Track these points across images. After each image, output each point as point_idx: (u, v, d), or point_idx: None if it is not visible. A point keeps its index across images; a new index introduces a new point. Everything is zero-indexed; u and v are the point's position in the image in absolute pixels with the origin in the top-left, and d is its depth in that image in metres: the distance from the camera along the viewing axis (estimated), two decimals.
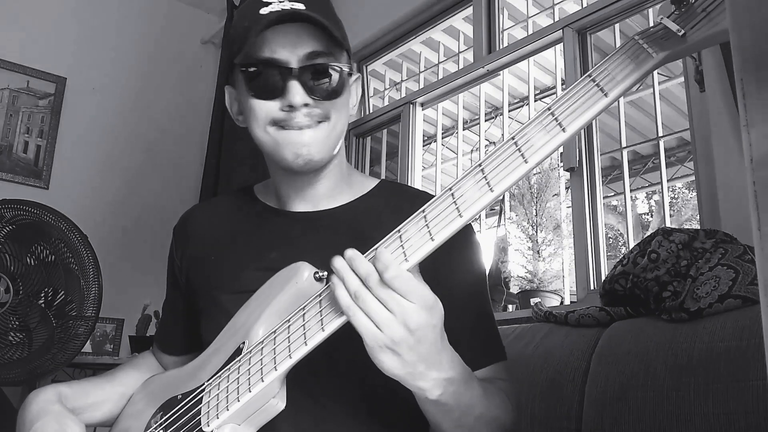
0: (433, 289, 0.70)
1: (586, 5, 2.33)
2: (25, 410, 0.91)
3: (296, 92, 0.88)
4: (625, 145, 2.31)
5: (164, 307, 1.14)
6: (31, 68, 3.20)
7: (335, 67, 0.91)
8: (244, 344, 0.82)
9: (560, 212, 2.87)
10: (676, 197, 5.99)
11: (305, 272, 0.81)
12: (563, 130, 0.66)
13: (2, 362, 2.20)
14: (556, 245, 2.76)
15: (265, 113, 0.90)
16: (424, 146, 3.77)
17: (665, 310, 1.29)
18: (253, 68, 0.90)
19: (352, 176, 1.04)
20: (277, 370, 0.75)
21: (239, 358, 0.81)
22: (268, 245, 0.96)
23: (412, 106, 2.84)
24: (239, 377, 0.79)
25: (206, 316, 0.99)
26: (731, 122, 1.61)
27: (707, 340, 1.17)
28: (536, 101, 3.96)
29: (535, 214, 2.78)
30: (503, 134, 3.26)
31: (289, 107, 0.88)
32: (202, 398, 0.84)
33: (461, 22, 3.13)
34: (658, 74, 2.64)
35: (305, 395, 0.85)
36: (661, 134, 2.22)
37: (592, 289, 1.98)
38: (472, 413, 0.79)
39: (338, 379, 0.89)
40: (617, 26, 2.37)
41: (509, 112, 4.04)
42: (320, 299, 0.75)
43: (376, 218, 0.94)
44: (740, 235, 1.35)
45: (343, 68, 0.92)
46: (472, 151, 4.70)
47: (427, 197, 1.02)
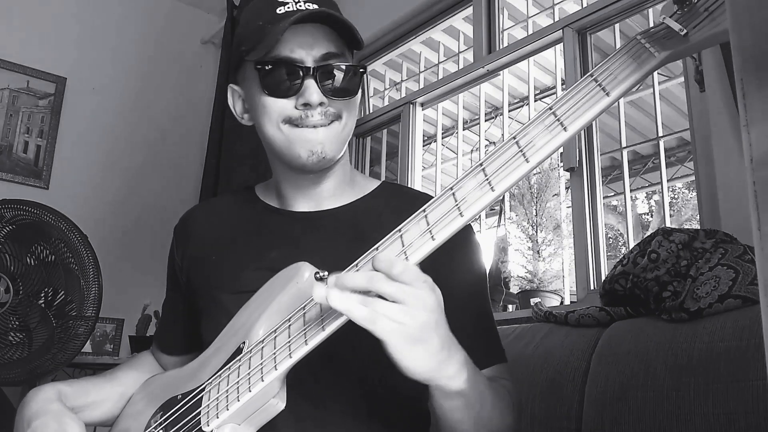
0: None
1: (586, 5, 2.33)
2: (24, 408, 0.90)
3: (313, 91, 0.89)
4: (625, 145, 2.31)
5: (164, 307, 1.14)
6: (31, 68, 3.20)
7: (348, 67, 0.92)
8: (244, 344, 0.82)
9: (560, 212, 2.87)
10: (676, 197, 5.99)
11: (306, 272, 0.81)
12: (565, 129, 0.66)
13: (2, 362, 2.20)
14: (556, 245, 2.76)
15: (278, 111, 0.91)
16: (424, 146, 3.76)
17: (665, 310, 1.29)
18: (268, 66, 0.90)
19: (354, 177, 1.04)
20: (277, 369, 0.75)
21: (239, 357, 0.81)
22: (268, 245, 0.96)
23: (412, 106, 2.84)
24: (239, 377, 0.79)
25: (206, 316, 0.99)
26: (731, 122, 1.61)
27: (707, 340, 1.17)
28: (536, 101, 3.96)
29: (535, 214, 2.78)
30: (503, 134, 3.25)
31: (304, 106, 0.89)
32: (202, 398, 0.84)
33: (461, 22, 3.13)
34: (658, 74, 2.64)
35: (305, 395, 0.85)
36: (661, 134, 2.22)
37: (592, 289, 1.98)
38: (486, 406, 0.79)
39: (338, 379, 0.89)
40: (617, 26, 2.37)
41: (509, 112, 4.03)
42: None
43: (376, 219, 0.94)
44: (740, 235, 1.35)
45: (357, 68, 0.93)
46: (472, 151, 4.69)
47: (427, 199, 1.02)
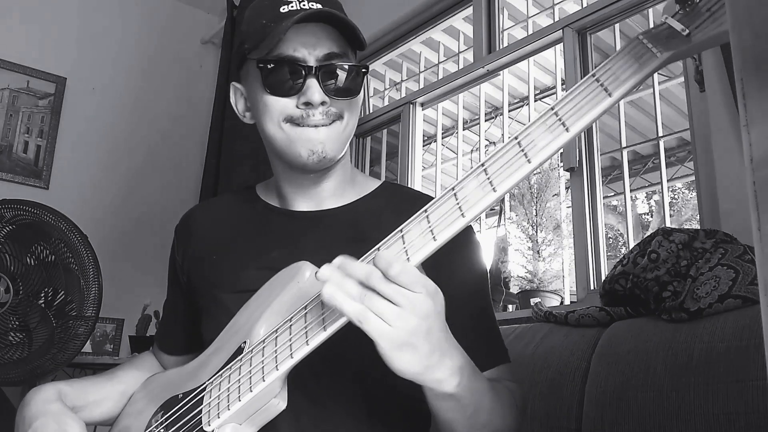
0: None
1: (586, 5, 2.33)
2: (24, 408, 0.90)
3: (315, 90, 0.89)
4: (625, 145, 2.31)
5: (165, 306, 1.14)
6: (31, 68, 3.20)
7: (351, 67, 0.92)
8: (245, 344, 0.82)
9: (560, 212, 2.87)
10: (676, 197, 5.98)
11: (307, 272, 0.81)
12: (567, 129, 0.65)
13: (2, 362, 2.20)
14: (556, 245, 2.76)
15: (280, 110, 0.91)
16: (424, 146, 3.77)
17: (665, 310, 1.29)
18: (271, 65, 0.90)
19: (355, 177, 1.04)
20: (278, 370, 0.75)
21: (240, 357, 0.81)
22: (269, 244, 0.96)
23: (412, 106, 2.84)
24: (240, 377, 0.79)
25: (207, 315, 0.99)
26: (731, 122, 1.61)
27: (707, 340, 1.17)
28: (536, 101, 3.96)
29: (535, 214, 2.78)
30: (503, 134, 3.25)
31: (306, 105, 0.89)
32: (203, 398, 0.84)
33: (461, 22, 3.13)
34: (658, 74, 2.64)
35: (306, 395, 0.85)
36: (661, 134, 2.22)
37: (592, 289, 1.98)
38: (483, 409, 0.78)
39: (339, 378, 0.89)
40: (617, 26, 2.37)
41: (509, 112, 4.04)
42: (322, 299, 0.75)
43: (377, 219, 0.94)
44: (740, 235, 1.35)
45: (359, 68, 0.93)
46: (472, 151, 4.69)
47: (428, 199, 1.02)
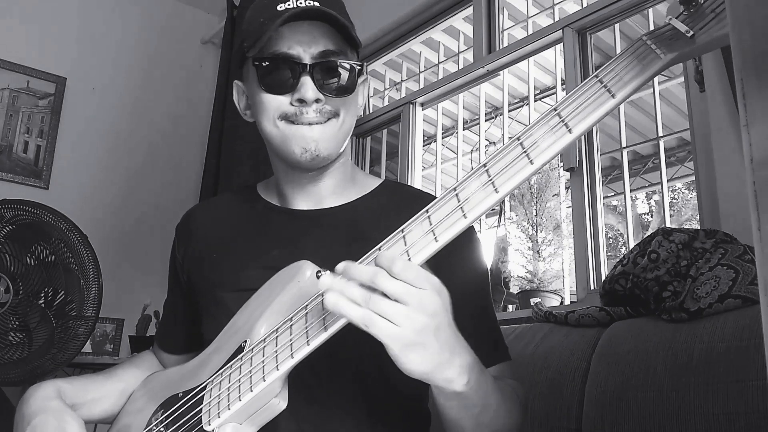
0: None
1: (586, 5, 2.33)
2: (23, 405, 0.90)
3: (309, 87, 0.89)
4: (625, 145, 2.31)
5: (165, 305, 1.14)
6: (31, 68, 3.20)
7: (347, 65, 0.92)
8: (245, 343, 0.82)
9: (560, 212, 2.87)
10: (676, 197, 5.98)
11: (307, 271, 0.81)
12: (570, 131, 0.65)
13: (2, 362, 2.20)
14: (556, 245, 2.76)
15: (275, 107, 0.91)
16: (424, 146, 3.77)
17: (665, 310, 1.29)
18: (266, 62, 0.91)
19: (356, 175, 1.04)
20: (278, 370, 0.75)
21: (241, 356, 0.81)
22: (269, 243, 0.96)
23: (412, 106, 2.84)
24: (241, 376, 0.79)
25: (207, 314, 0.99)
26: (731, 122, 1.61)
27: (707, 340, 1.17)
28: (536, 101, 3.96)
29: (535, 214, 2.78)
30: (503, 134, 3.25)
31: (299, 102, 0.89)
32: (203, 397, 0.84)
33: (461, 22, 3.13)
34: None
35: (306, 395, 0.85)
36: (661, 134, 2.22)
37: (592, 289, 1.98)
38: (490, 407, 0.78)
39: (339, 378, 0.89)
40: (617, 26, 2.37)
41: (509, 112, 4.04)
42: (325, 307, 0.75)
43: (377, 218, 0.94)
44: (740, 235, 1.35)
45: (354, 66, 0.93)
46: (472, 151, 4.69)
47: (428, 197, 1.02)
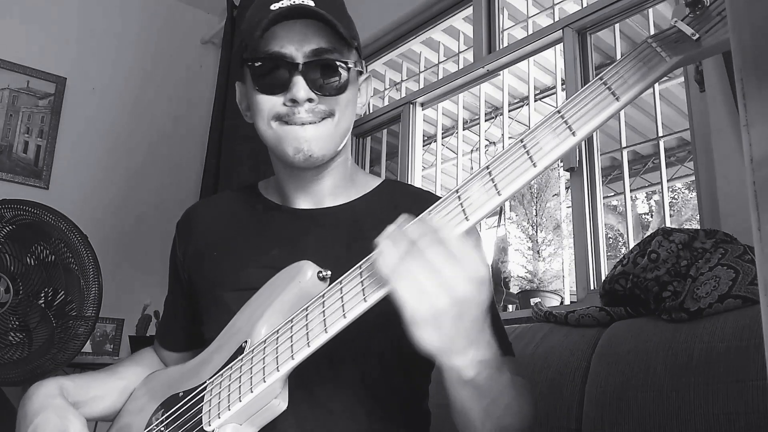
0: None
1: (586, 5, 2.33)
2: (26, 403, 0.90)
3: (300, 87, 0.88)
4: (625, 145, 2.31)
5: (166, 302, 1.14)
6: (31, 68, 3.20)
7: (340, 63, 0.91)
8: (246, 343, 0.82)
9: (560, 212, 2.87)
10: (676, 197, 5.98)
11: (308, 271, 0.80)
12: (573, 134, 0.65)
13: (2, 362, 2.20)
14: (556, 245, 2.77)
15: (269, 108, 0.91)
16: (424, 146, 3.76)
17: (665, 310, 1.29)
18: (258, 63, 0.90)
19: (356, 174, 1.04)
20: (279, 371, 0.75)
21: (241, 357, 0.81)
22: (270, 242, 0.96)
23: (412, 106, 2.84)
24: (241, 377, 0.79)
25: (208, 313, 0.99)
26: (731, 122, 1.61)
27: (707, 340, 1.17)
28: (536, 101, 3.96)
29: (535, 214, 2.78)
30: (503, 134, 3.25)
31: (292, 102, 0.89)
32: (203, 397, 0.84)
33: (461, 22, 3.12)
34: None
35: (306, 395, 0.85)
36: (661, 134, 2.22)
37: (592, 289, 1.98)
38: (501, 401, 0.77)
39: (340, 379, 0.88)
40: (617, 26, 2.37)
41: (509, 112, 4.04)
42: (324, 299, 0.75)
43: (378, 217, 0.94)
44: (740, 235, 1.35)
45: (348, 65, 0.92)
46: (472, 151, 4.69)
47: (429, 196, 1.02)
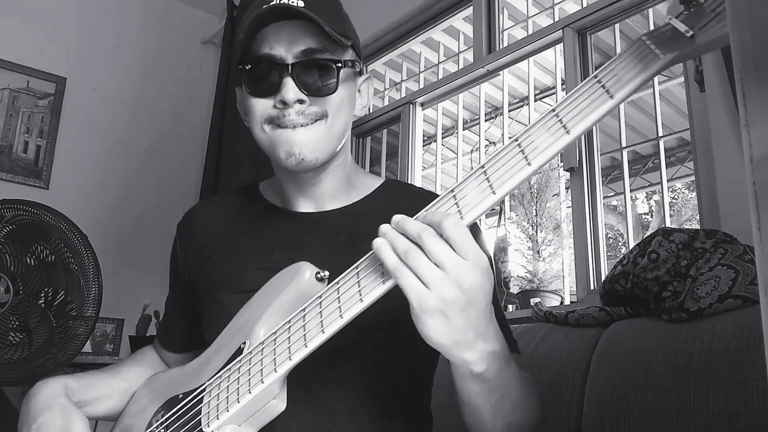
0: None
1: (586, 5, 2.33)
2: (30, 401, 0.90)
3: (289, 88, 0.86)
4: (625, 145, 2.31)
5: (167, 303, 1.13)
6: (31, 68, 3.20)
7: (331, 63, 0.89)
8: (245, 344, 0.82)
9: (560, 212, 2.87)
10: (676, 197, 5.98)
11: (307, 272, 0.80)
12: (568, 132, 0.65)
13: (2, 362, 2.20)
14: (556, 245, 2.76)
15: (261, 111, 0.89)
16: (424, 146, 3.76)
17: (665, 310, 1.29)
18: (249, 65, 0.89)
19: (357, 176, 1.02)
20: (277, 371, 0.75)
21: (240, 358, 0.81)
22: (270, 245, 0.95)
23: (412, 106, 2.84)
24: (239, 378, 0.79)
25: (208, 314, 0.99)
26: (731, 122, 1.61)
27: (707, 340, 1.17)
28: (536, 101, 3.96)
29: (535, 214, 2.78)
30: (503, 134, 3.25)
31: (282, 104, 0.87)
32: (202, 398, 0.84)
33: (461, 22, 3.12)
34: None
35: (306, 396, 0.85)
36: (661, 134, 2.22)
37: (592, 289, 1.98)
38: (510, 396, 0.76)
39: (339, 379, 0.88)
40: (617, 26, 2.37)
41: (509, 112, 4.04)
42: (321, 300, 0.75)
43: (379, 220, 0.94)
44: (740, 235, 1.35)
45: (340, 64, 0.89)
46: (472, 151, 4.69)
47: (429, 195, 1.02)
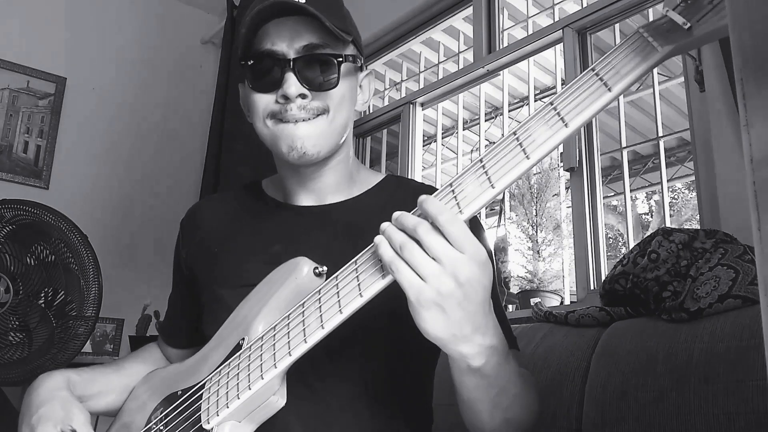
0: None
1: (586, 5, 2.33)
2: (32, 393, 0.91)
3: (291, 83, 0.87)
4: (625, 145, 2.30)
5: (170, 299, 1.14)
6: (31, 68, 3.20)
7: (332, 58, 0.89)
8: (243, 340, 0.82)
9: (560, 212, 2.87)
10: (676, 197, 5.99)
11: (305, 267, 0.80)
12: (566, 125, 0.65)
13: (2, 362, 2.20)
14: (556, 245, 2.76)
15: (263, 106, 0.90)
16: (424, 146, 3.76)
17: (665, 310, 1.29)
18: (251, 61, 0.90)
19: (359, 171, 1.03)
20: (276, 367, 0.75)
21: (239, 354, 0.81)
22: (271, 239, 0.96)
23: (412, 106, 2.84)
24: (239, 374, 0.79)
25: (208, 310, 0.99)
26: (731, 122, 1.61)
27: (707, 340, 1.17)
28: (536, 101, 3.96)
29: (535, 214, 2.78)
30: (503, 134, 3.25)
31: (284, 99, 0.88)
32: (202, 394, 0.84)
33: (461, 22, 3.12)
34: (658, 74, 2.64)
35: (306, 391, 0.85)
36: (661, 134, 2.22)
37: (592, 289, 1.98)
38: (509, 391, 0.76)
39: (339, 375, 0.88)
40: (617, 26, 2.37)
41: (509, 112, 4.03)
42: (320, 295, 0.75)
43: (380, 214, 0.94)
44: (740, 235, 1.35)
45: (341, 59, 0.90)
46: (472, 151, 4.70)
47: (431, 190, 1.02)
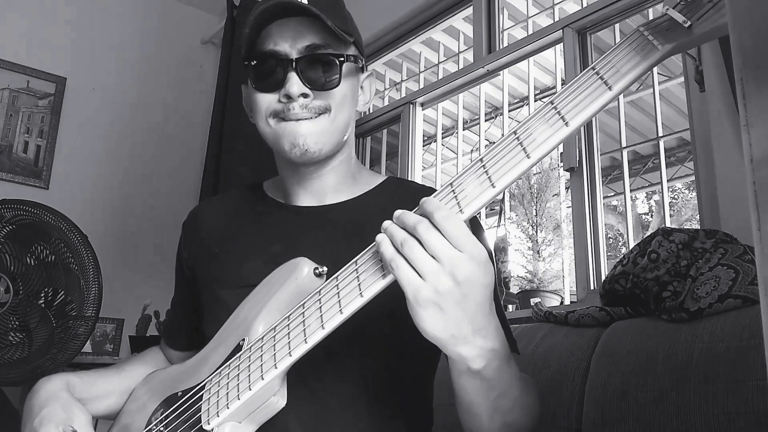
0: None
1: (586, 5, 2.33)
2: (33, 397, 0.92)
3: (293, 82, 0.88)
4: (625, 145, 2.31)
5: (172, 302, 1.15)
6: (31, 68, 3.20)
7: (334, 58, 0.91)
8: (243, 341, 0.82)
9: (560, 212, 2.87)
10: (676, 197, 5.99)
11: (305, 268, 0.81)
12: (566, 124, 0.65)
13: (2, 362, 2.20)
14: (556, 245, 2.76)
15: (266, 105, 0.91)
16: (424, 146, 3.76)
17: (665, 310, 1.29)
18: (254, 61, 0.91)
19: (360, 172, 1.04)
20: (277, 368, 0.75)
21: (239, 355, 0.81)
22: (270, 239, 0.96)
23: (412, 106, 2.84)
24: (239, 375, 0.79)
25: (208, 310, 0.99)
26: (731, 122, 1.61)
27: (707, 340, 1.17)
28: (536, 101, 3.96)
29: (535, 214, 2.78)
30: (503, 134, 3.24)
31: (286, 98, 0.89)
32: (202, 395, 0.84)
33: (461, 22, 3.12)
34: (658, 74, 2.64)
35: (306, 392, 0.85)
36: (661, 134, 2.22)
37: (592, 289, 1.98)
38: (510, 395, 0.75)
39: (339, 375, 0.88)
40: (617, 26, 2.37)
41: (509, 112, 4.03)
42: (320, 296, 0.75)
43: (380, 214, 0.94)
44: (740, 235, 1.35)
45: (342, 59, 0.92)
46: (472, 151, 4.70)
47: (431, 191, 1.02)
